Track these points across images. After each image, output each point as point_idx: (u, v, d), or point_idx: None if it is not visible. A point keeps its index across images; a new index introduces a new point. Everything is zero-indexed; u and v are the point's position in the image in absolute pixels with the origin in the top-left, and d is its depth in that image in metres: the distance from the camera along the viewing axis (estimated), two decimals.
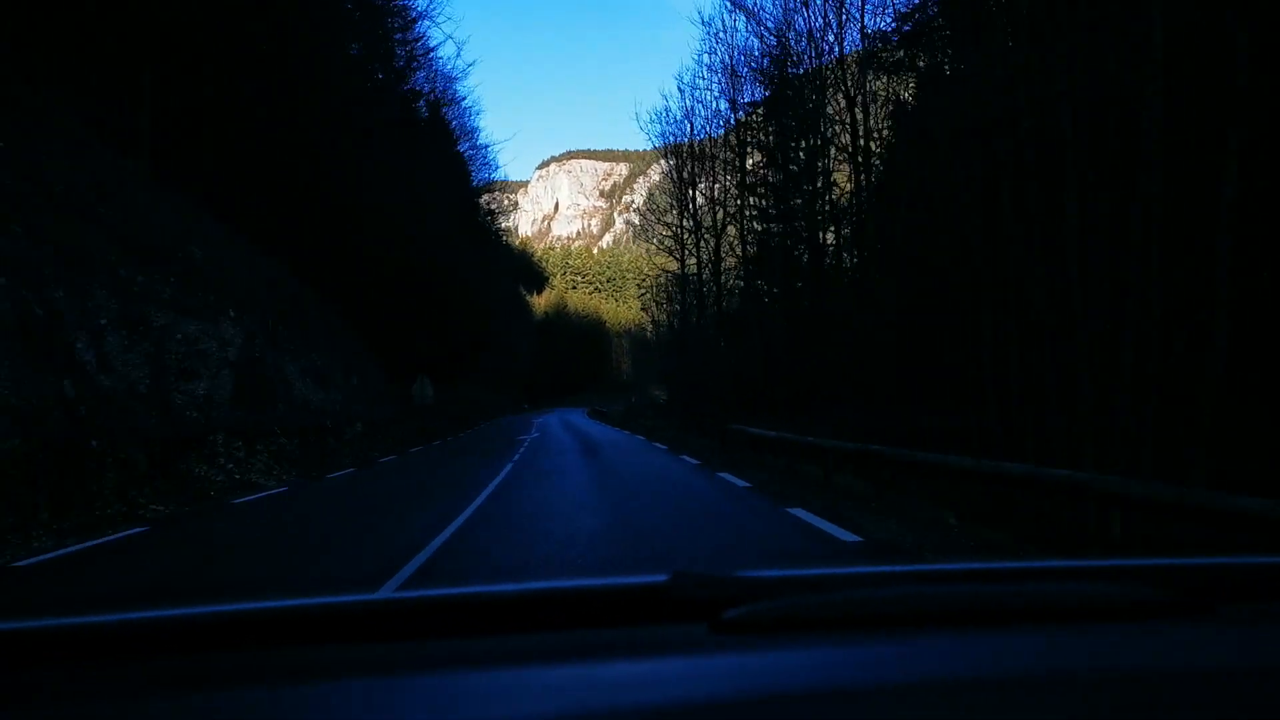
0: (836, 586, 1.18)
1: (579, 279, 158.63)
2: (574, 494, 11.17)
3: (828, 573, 1.29)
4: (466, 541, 7.59)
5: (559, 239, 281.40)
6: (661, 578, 1.10)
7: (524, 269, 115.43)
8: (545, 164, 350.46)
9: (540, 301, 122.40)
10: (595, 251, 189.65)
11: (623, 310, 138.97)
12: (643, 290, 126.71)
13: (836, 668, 0.89)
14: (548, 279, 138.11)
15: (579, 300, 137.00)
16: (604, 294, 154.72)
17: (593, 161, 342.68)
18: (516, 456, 17.86)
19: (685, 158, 37.56)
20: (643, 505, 10.06)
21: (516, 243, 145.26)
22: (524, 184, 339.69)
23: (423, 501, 10.86)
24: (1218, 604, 1.05)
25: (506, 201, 72.74)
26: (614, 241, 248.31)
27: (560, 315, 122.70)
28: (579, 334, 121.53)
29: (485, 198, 57.51)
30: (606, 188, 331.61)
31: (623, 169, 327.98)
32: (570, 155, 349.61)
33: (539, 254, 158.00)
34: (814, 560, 6.51)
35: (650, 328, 59.31)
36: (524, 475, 13.95)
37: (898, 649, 0.94)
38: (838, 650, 0.94)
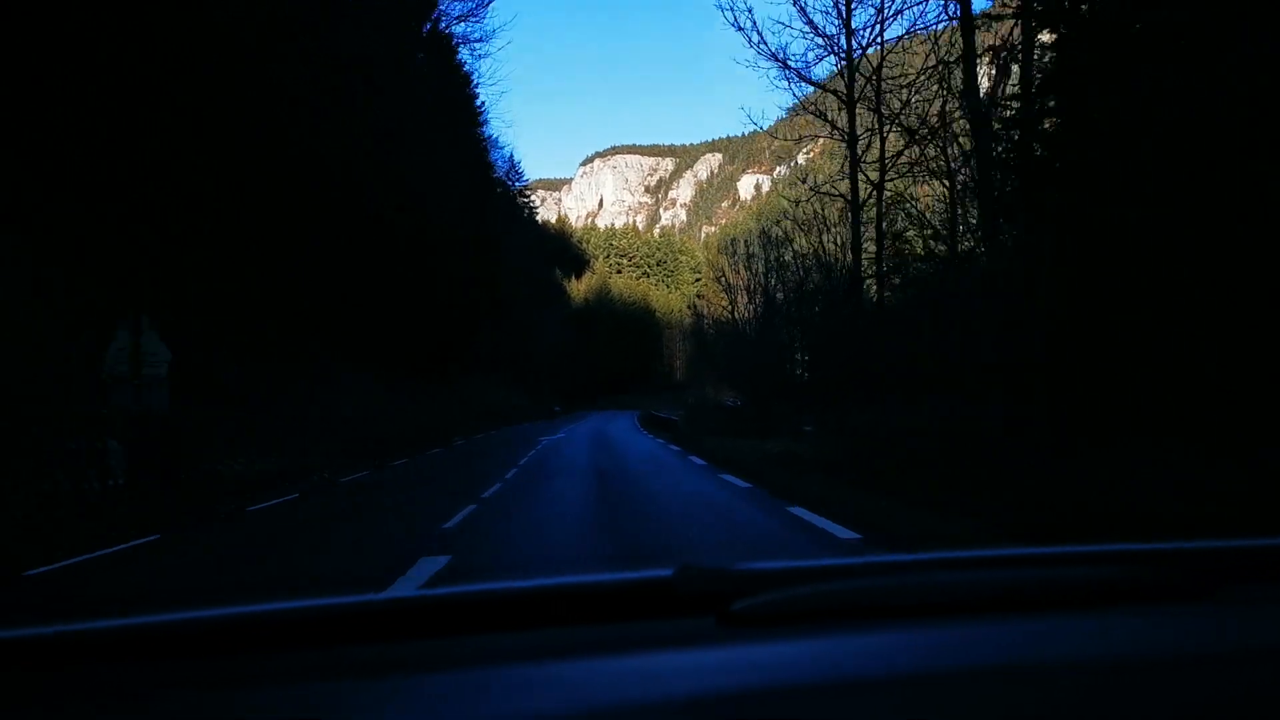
0: (843, 577, 1.17)
1: (624, 261, 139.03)
2: None
3: (834, 563, 1.29)
4: None
5: None
6: (668, 571, 1.08)
7: (559, 248, 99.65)
8: (589, 160, 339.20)
9: (579, 286, 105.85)
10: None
11: (674, 298, 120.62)
12: (698, 277, 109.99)
13: (844, 658, 0.89)
14: (588, 261, 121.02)
15: (624, 285, 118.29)
16: (653, 278, 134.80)
17: (638, 156, 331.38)
18: None
19: None
20: None
21: (554, 220, 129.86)
22: (567, 181, 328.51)
23: None
24: (1217, 587, 1.04)
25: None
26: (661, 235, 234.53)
27: (602, 301, 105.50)
28: (623, 324, 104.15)
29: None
30: (652, 183, 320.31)
31: (669, 164, 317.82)
32: (615, 150, 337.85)
33: (579, 234, 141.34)
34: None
35: (725, 300, 41.91)
36: None
37: (904, 638, 0.94)
38: (845, 641, 0.94)
